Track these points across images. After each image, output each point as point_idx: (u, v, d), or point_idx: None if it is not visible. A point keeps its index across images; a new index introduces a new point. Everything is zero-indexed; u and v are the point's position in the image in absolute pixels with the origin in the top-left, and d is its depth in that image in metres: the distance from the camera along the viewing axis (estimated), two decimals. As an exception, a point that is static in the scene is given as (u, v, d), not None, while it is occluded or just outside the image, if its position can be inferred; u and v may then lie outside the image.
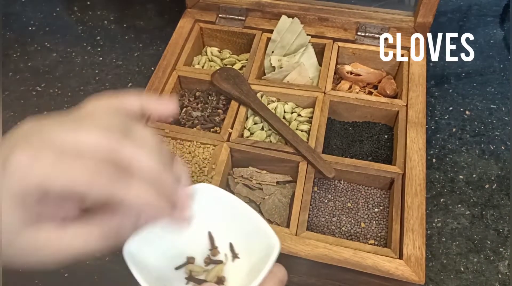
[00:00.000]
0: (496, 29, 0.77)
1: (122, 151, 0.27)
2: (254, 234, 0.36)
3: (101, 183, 0.27)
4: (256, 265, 0.34)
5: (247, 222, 0.36)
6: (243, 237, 0.37)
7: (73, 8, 0.85)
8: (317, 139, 0.55)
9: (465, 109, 0.68)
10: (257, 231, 0.35)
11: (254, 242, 0.36)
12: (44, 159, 0.26)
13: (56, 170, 0.26)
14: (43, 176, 0.26)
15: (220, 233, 0.38)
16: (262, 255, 0.34)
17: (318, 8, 0.67)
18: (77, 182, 0.26)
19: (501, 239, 0.56)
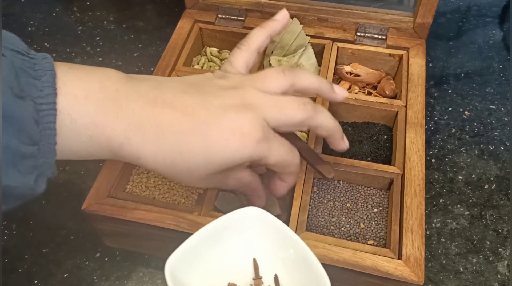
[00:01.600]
0: (495, 30, 0.77)
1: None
2: (302, 269, 0.34)
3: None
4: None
5: (296, 255, 0.34)
6: (290, 270, 0.35)
7: (73, 8, 0.85)
8: (316, 139, 0.55)
9: (464, 110, 0.68)
10: (306, 266, 0.33)
11: (302, 278, 0.34)
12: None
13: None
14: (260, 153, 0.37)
15: (265, 262, 0.36)
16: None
17: (318, 9, 0.67)
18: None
19: (500, 239, 0.56)
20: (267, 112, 0.37)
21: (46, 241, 0.56)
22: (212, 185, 0.41)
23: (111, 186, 0.51)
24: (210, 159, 0.35)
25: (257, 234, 0.35)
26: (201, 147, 0.35)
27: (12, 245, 0.56)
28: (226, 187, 0.41)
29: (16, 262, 0.54)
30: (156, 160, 0.35)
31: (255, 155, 0.36)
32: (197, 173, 0.36)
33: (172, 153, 0.35)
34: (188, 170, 0.36)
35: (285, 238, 0.35)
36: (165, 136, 0.35)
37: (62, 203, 0.59)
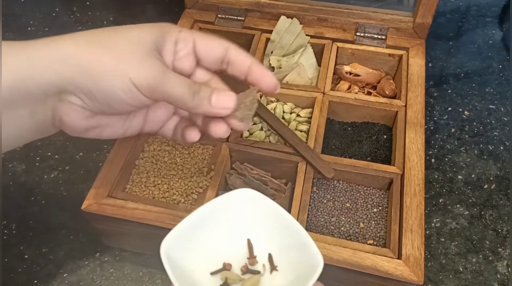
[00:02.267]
0: (495, 30, 0.77)
1: None
2: (296, 248, 0.34)
3: (223, 40, 0.39)
4: (295, 281, 0.33)
5: (290, 235, 0.34)
6: (284, 249, 0.35)
7: (73, 8, 0.85)
8: (316, 139, 0.55)
9: (464, 110, 0.68)
10: (300, 246, 0.34)
11: (296, 256, 0.34)
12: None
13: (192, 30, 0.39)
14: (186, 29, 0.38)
15: (260, 242, 0.36)
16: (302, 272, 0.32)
17: (317, 9, 0.67)
18: None
19: (499, 239, 0.56)
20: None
21: (46, 241, 0.56)
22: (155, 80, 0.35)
23: (111, 186, 0.51)
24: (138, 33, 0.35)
25: (251, 215, 0.36)
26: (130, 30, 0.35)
27: (12, 245, 0.56)
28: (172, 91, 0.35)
29: (16, 262, 0.54)
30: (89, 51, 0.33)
31: (176, 28, 0.38)
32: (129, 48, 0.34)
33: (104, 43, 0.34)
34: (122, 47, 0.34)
35: (279, 218, 0.35)
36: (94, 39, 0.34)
37: (62, 203, 0.59)
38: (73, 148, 0.65)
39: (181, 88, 0.35)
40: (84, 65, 0.33)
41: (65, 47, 0.33)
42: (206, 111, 0.36)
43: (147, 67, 0.34)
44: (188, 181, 0.53)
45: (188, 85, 0.35)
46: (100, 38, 0.34)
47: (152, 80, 0.34)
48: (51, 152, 0.64)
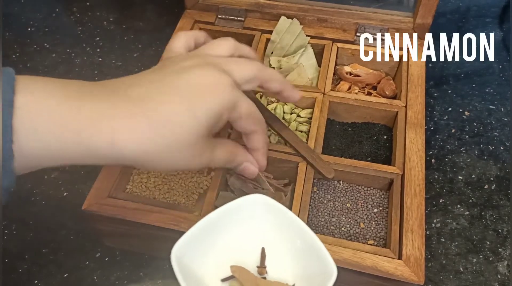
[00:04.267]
0: (495, 30, 0.77)
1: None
2: (309, 257, 0.34)
3: (256, 121, 0.42)
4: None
5: (303, 242, 0.34)
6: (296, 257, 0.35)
7: (73, 9, 0.85)
8: (317, 139, 0.55)
9: (464, 110, 0.68)
10: (313, 255, 0.33)
11: (309, 263, 0.34)
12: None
13: (244, 98, 0.40)
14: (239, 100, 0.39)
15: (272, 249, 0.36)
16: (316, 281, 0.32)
17: (317, 9, 0.67)
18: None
19: (500, 239, 0.56)
20: (226, 66, 0.39)
21: (46, 241, 0.56)
22: (203, 161, 0.38)
23: (111, 186, 0.51)
24: (194, 113, 0.34)
25: (264, 221, 0.35)
26: (180, 104, 0.34)
27: (12, 245, 0.56)
28: (216, 161, 0.40)
29: (16, 262, 0.54)
30: (137, 139, 0.32)
31: (232, 99, 0.37)
32: (185, 139, 0.34)
33: (153, 124, 0.33)
34: (174, 138, 0.34)
35: (292, 225, 0.35)
36: (141, 111, 0.33)
37: (62, 203, 0.59)
38: (73, 149, 0.65)
39: (221, 164, 0.42)
40: (142, 162, 0.34)
41: (126, 151, 0.32)
42: (234, 170, 0.46)
43: (197, 163, 0.37)
44: (188, 181, 0.53)
45: (227, 160, 0.42)
46: (157, 131, 0.33)
47: (198, 168, 0.47)
48: (51, 152, 0.64)
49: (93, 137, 0.31)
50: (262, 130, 0.43)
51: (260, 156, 0.45)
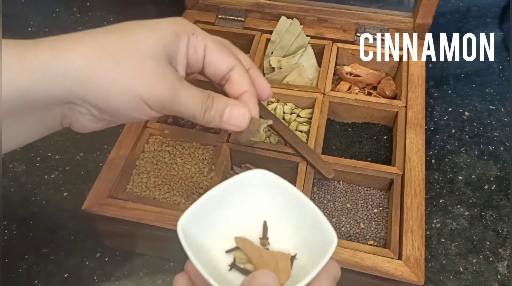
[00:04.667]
0: (495, 30, 0.77)
1: None
2: (309, 227, 0.34)
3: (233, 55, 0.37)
4: (310, 259, 0.33)
5: (303, 213, 0.35)
6: (297, 228, 0.36)
7: (73, 9, 0.85)
8: (317, 139, 0.55)
9: (464, 110, 0.68)
10: (313, 224, 0.34)
11: (310, 234, 0.34)
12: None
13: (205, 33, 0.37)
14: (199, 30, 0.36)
15: (274, 221, 0.37)
16: (317, 250, 0.33)
17: (317, 9, 0.67)
18: None
19: (500, 239, 0.56)
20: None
21: (46, 241, 0.56)
22: (165, 90, 0.33)
23: (111, 186, 0.51)
24: (147, 28, 0.33)
25: (265, 195, 0.36)
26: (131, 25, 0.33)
27: (12, 245, 0.56)
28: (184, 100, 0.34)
29: (16, 262, 0.54)
30: (84, 51, 0.31)
31: (188, 28, 0.36)
32: (137, 53, 0.32)
33: (101, 39, 0.32)
34: (126, 50, 0.32)
35: (292, 197, 0.36)
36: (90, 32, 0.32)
37: (62, 203, 0.59)
38: (74, 149, 0.65)
39: (193, 106, 0.34)
40: (93, 81, 0.31)
41: (72, 60, 0.30)
42: (216, 126, 0.36)
43: (158, 85, 0.32)
44: (188, 181, 0.53)
45: (201, 102, 0.34)
46: (110, 49, 0.31)
47: (164, 98, 0.33)
48: (51, 152, 0.64)
49: (40, 52, 0.32)
50: (242, 64, 0.37)
51: (249, 100, 0.37)
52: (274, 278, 0.30)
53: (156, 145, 0.56)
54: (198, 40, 0.35)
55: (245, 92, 0.37)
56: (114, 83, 0.31)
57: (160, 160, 0.55)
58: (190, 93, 0.34)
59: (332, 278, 0.32)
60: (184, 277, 0.34)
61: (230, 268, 0.35)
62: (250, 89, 0.37)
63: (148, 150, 0.56)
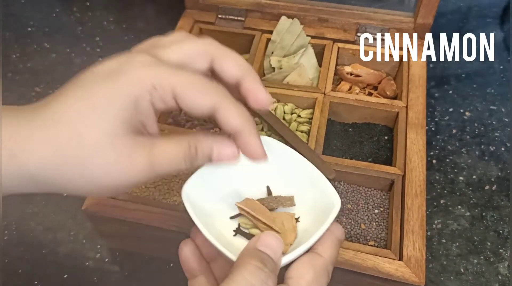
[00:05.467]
0: (496, 30, 0.77)
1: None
2: (312, 190, 0.35)
3: (212, 91, 0.29)
4: (314, 222, 0.34)
5: (307, 178, 0.35)
6: (301, 192, 0.36)
7: (73, 8, 0.84)
8: (317, 140, 0.55)
9: (465, 110, 0.68)
10: (316, 187, 0.35)
11: (313, 198, 0.35)
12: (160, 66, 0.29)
13: (171, 72, 0.29)
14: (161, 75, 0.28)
15: (277, 186, 0.37)
16: (320, 212, 0.33)
17: (318, 9, 0.67)
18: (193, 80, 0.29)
19: (501, 240, 0.56)
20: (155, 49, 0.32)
21: (46, 242, 0.56)
22: (138, 166, 0.29)
23: (111, 186, 0.51)
24: (94, 108, 0.28)
25: (268, 161, 0.36)
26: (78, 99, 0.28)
27: (12, 245, 0.56)
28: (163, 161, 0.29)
29: (16, 262, 0.54)
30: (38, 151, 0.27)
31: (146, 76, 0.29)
32: (91, 142, 0.27)
33: (50, 130, 0.27)
34: (77, 142, 0.27)
35: (295, 162, 0.36)
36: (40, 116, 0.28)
37: (62, 204, 0.59)
38: (73, 149, 0.65)
39: (176, 165, 0.30)
40: (58, 186, 0.28)
41: (26, 168, 0.27)
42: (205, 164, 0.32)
43: (126, 170, 0.28)
44: (188, 182, 0.53)
45: (183, 156, 0.30)
46: (64, 148, 0.27)
47: (138, 179, 0.29)
48: (51, 152, 0.64)
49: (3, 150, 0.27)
50: (227, 100, 0.30)
51: (246, 140, 0.31)
52: (279, 239, 0.30)
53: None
54: (164, 92, 0.29)
55: (240, 132, 0.31)
56: (79, 188, 0.29)
57: (160, 161, 0.55)
58: (167, 155, 0.29)
59: (336, 240, 0.32)
60: (190, 244, 0.34)
61: (235, 234, 0.35)
62: (243, 128, 0.30)
63: (148, 150, 0.56)
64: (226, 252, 0.30)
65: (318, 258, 0.31)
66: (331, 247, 0.32)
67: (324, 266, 0.31)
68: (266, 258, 0.29)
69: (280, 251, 0.30)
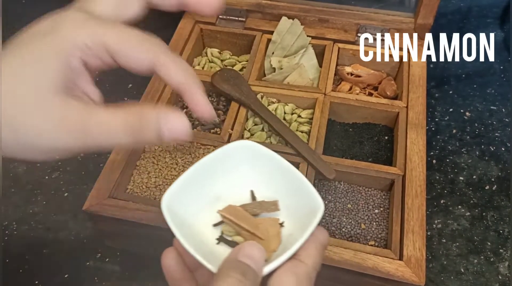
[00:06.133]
0: (496, 31, 0.77)
1: None
2: (297, 195, 0.34)
3: (149, 46, 0.29)
4: (298, 226, 0.33)
5: (291, 182, 0.35)
6: (285, 196, 0.35)
7: (74, 9, 0.84)
8: (317, 140, 0.55)
9: (465, 111, 0.68)
10: (300, 192, 0.34)
11: (297, 202, 0.34)
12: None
13: (105, 27, 0.28)
14: (94, 32, 0.27)
15: (261, 191, 0.37)
16: (304, 217, 0.33)
17: (319, 10, 0.67)
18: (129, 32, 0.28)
19: (501, 240, 0.56)
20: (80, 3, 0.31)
21: (46, 241, 0.56)
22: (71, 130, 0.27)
23: (112, 186, 0.51)
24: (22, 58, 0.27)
25: (250, 165, 0.36)
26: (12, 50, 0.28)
27: (13, 245, 0.56)
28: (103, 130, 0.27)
29: (16, 262, 0.54)
30: None
31: (74, 37, 0.28)
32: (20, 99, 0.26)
33: None
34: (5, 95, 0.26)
35: (277, 166, 0.35)
36: None
37: (63, 204, 0.59)
38: (74, 149, 0.65)
39: (114, 134, 0.27)
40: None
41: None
42: (159, 144, 0.31)
43: (60, 134, 0.26)
44: (189, 182, 0.53)
45: (122, 126, 0.27)
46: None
47: (70, 146, 0.27)
48: (52, 152, 0.64)
49: None
50: (167, 55, 0.29)
51: (191, 96, 0.29)
52: (261, 249, 0.30)
53: (157, 145, 0.56)
54: (97, 49, 0.28)
55: (183, 84, 0.29)
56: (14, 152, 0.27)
57: (160, 160, 0.55)
58: (103, 126, 0.27)
59: (320, 245, 0.32)
60: (173, 252, 0.34)
61: (218, 242, 0.34)
62: (186, 83, 0.29)
63: (149, 150, 0.56)
64: (206, 263, 0.30)
65: (301, 266, 0.30)
66: (314, 253, 0.31)
67: (306, 273, 0.30)
68: (247, 269, 0.28)
69: (262, 261, 0.30)
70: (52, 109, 0.26)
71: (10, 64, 0.27)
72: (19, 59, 0.27)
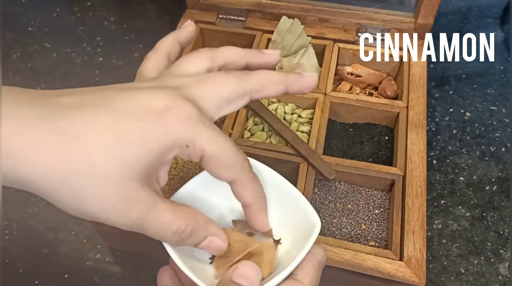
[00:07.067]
0: (496, 31, 0.77)
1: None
2: (293, 212, 0.34)
3: (235, 167, 0.29)
4: (294, 244, 0.33)
5: (287, 199, 0.35)
6: (282, 214, 0.35)
7: (73, 8, 0.85)
8: (318, 140, 0.55)
9: (466, 111, 0.68)
10: (297, 209, 0.34)
11: (293, 220, 0.34)
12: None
13: (207, 135, 0.28)
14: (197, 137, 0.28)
15: None
16: (300, 234, 0.33)
17: (319, 9, 0.67)
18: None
19: (501, 240, 0.56)
20: (192, 89, 0.30)
21: (46, 241, 0.56)
22: (132, 216, 0.28)
23: (112, 186, 0.51)
24: (122, 143, 0.26)
25: None
26: (107, 127, 0.26)
27: (12, 245, 0.56)
28: (157, 224, 0.29)
29: (16, 262, 0.54)
30: (37, 158, 0.25)
31: (183, 135, 0.27)
32: (102, 173, 0.26)
33: (62, 143, 0.25)
34: (87, 167, 0.25)
35: (274, 184, 0.35)
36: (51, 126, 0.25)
37: (62, 204, 0.59)
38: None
39: (162, 235, 0.29)
40: (41, 194, 0.26)
41: (20, 172, 0.25)
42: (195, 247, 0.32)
43: (122, 214, 0.28)
44: (189, 182, 0.53)
45: (174, 232, 0.29)
46: (68, 164, 0.25)
47: (123, 226, 0.29)
48: (51, 152, 0.64)
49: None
50: (245, 177, 0.30)
51: (254, 213, 0.33)
52: (256, 269, 0.29)
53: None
54: (193, 152, 0.28)
55: (249, 206, 0.32)
56: (66, 208, 0.27)
57: (160, 161, 0.55)
58: (160, 224, 0.28)
59: (317, 263, 0.31)
60: (169, 271, 0.34)
61: (211, 262, 0.34)
62: (254, 203, 0.32)
63: (149, 150, 0.56)
64: (201, 284, 0.29)
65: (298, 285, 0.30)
66: (311, 272, 0.31)
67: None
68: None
69: (257, 282, 0.29)
70: (124, 195, 0.27)
71: (99, 132, 0.26)
72: (114, 133, 0.26)
